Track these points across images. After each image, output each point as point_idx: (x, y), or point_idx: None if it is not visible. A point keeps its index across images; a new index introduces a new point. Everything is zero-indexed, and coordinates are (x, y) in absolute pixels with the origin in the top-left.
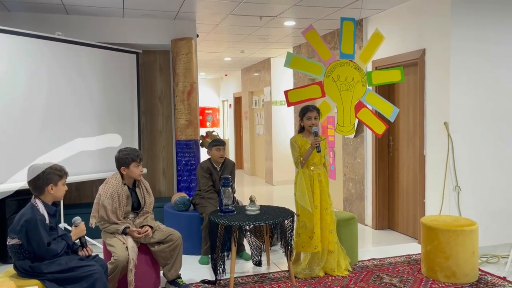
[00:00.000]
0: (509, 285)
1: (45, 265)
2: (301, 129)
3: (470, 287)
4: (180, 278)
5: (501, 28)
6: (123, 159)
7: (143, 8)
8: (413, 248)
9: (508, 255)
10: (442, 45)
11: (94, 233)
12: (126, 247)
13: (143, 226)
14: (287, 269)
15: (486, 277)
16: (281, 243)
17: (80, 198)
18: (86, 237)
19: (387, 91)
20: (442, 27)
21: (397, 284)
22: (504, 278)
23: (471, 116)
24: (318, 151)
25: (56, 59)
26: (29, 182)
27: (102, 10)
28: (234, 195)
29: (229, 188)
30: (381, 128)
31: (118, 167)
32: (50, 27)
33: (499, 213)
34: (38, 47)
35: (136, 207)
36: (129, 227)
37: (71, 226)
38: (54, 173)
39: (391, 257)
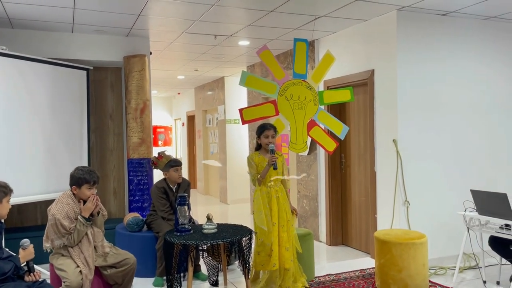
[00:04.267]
0: None
1: None
2: (258, 147)
3: None
4: None
5: (444, 50)
6: (77, 178)
7: (94, 24)
8: (367, 262)
9: (455, 267)
10: (389, 66)
11: (40, 258)
12: (80, 271)
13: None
14: None
15: None
16: (239, 262)
17: (22, 221)
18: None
19: (339, 110)
20: (389, 49)
21: None
22: None
23: (418, 133)
24: (275, 168)
25: (1, 74)
26: None
27: (50, 25)
28: (191, 213)
29: (186, 207)
30: (332, 145)
31: (71, 185)
32: None
33: (445, 226)
34: None
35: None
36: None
37: (13, 251)
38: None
39: (346, 272)
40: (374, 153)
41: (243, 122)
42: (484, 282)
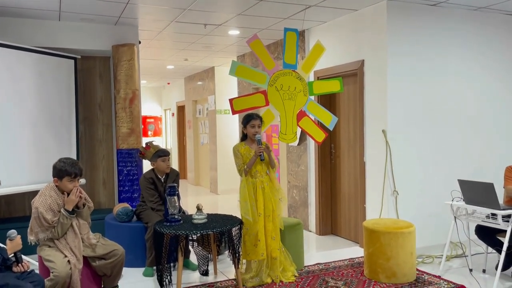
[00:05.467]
0: (444, 283)
1: None
2: (243, 137)
3: (409, 286)
4: (117, 286)
5: (433, 41)
6: (58, 170)
7: (81, 12)
8: (356, 251)
9: (442, 255)
10: (379, 56)
11: (29, 249)
12: (68, 260)
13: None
14: (234, 277)
15: (423, 276)
16: (229, 251)
17: (11, 212)
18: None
19: (329, 100)
20: (379, 39)
21: (341, 287)
22: (439, 277)
23: (407, 124)
24: (262, 159)
25: None
26: None
27: (36, 13)
28: (180, 203)
29: (175, 197)
30: (321, 136)
31: (53, 176)
32: None
33: (433, 215)
34: None
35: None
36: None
37: (2, 241)
38: None
39: (335, 261)
40: (363, 143)
41: (233, 112)
42: (471, 270)
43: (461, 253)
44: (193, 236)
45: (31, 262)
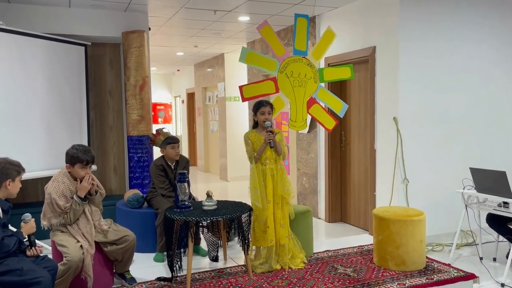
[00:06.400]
0: (454, 271)
1: None
2: (255, 125)
3: (418, 274)
4: (128, 271)
5: (447, 26)
6: (70, 156)
7: None
8: (365, 239)
9: (452, 244)
10: (391, 43)
11: (42, 234)
12: (81, 245)
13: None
14: (244, 263)
15: (432, 264)
16: (239, 238)
17: (24, 197)
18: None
19: (339, 87)
20: (391, 25)
21: (351, 274)
22: (448, 265)
23: (419, 111)
24: (271, 147)
25: None
26: None
27: (47, 0)
28: (190, 190)
29: (185, 184)
30: (331, 123)
31: (66, 162)
32: None
33: (443, 204)
34: None
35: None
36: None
37: (15, 226)
38: (13, 168)
39: (345, 249)
40: (374, 131)
41: (243, 100)
42: (481, 258)
43: (471, 241)
44: (203, 222)
45: (44, 247)
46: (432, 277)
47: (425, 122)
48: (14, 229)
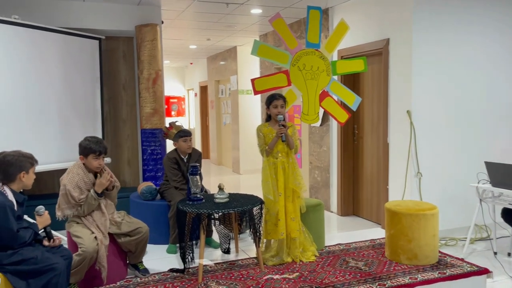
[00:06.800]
0: (467, 265)
1: (6, 256)
2: (268, 118)
3: (430, 268)
4: (141, 263)
5: (463, 18)
6: (83, 147)
7: None
8: (377, 233)
9: (466, 238)
10: (405, 35)
11: (57, 225)
12: (95, 237)
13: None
14: (255, 256)
15: (445, 258)
16: (250, 230)
17: (41, 189)
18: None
19: (352, 80)
20: (405, 17)
21: (362, 268)
22: (462, 259)
23: (433, 104)
24: (283, 140)
25: (13, 44)
26: (0, 169)
27: None
28: (202, 183)
29: (197, 177)
30: (344, 117)
31: (79, 154)
32: (5, 10)
33: (457, 198)
34: None
35: (100, 196)
36: (93, 187)
37: (31, 217)
38: (26, 161)
39: (356, 242)
40: (387, 124)
41: (255, 93)
42: (495, 253)
43: (486, 236)
44: (215, 215)
45: (62, 238)
46: (445, 271)
47: (439, 116)
48: (32, 221)
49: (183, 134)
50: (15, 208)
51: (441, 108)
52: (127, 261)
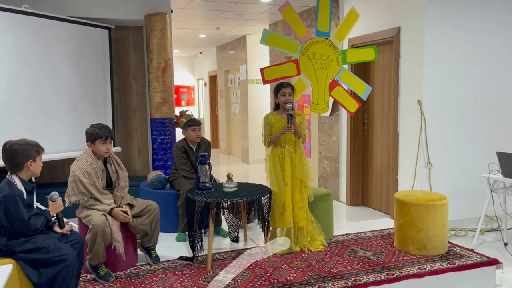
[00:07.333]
0: (477, 256)
1: (19, 244)
2: (276, 107)
3: (439, 258)
4: (154, 249)
5: (476, 6)
6: (90, 134)
7: None
8: (386, 223)
9: (476, 229)
10: (417, 23)
11: (68, 212)
12: (103, 213)
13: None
14: (264, 244)
15: (455, 249)
16: (258, 220)
17: (53, 177)
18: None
19: (363, 69)
20: (416, 5)
21: (370, 257)
22: (472, 250)
23: (444, 94)
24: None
25: (24, 33)
26: (7, 159)
27: None
28: (211, 172)
29: (206, 166)
30: (354, 106)
31: (86, 141)
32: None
33: (467, 188)
34: (4, 20)
35: (109, 184)
36: (114, 208)
37: (43, 205)
38: (33, 149)
39: (365, 232)
40: (397, 114)
41: (264, 82)
42: (505, 244)
43: (496, 226)
44: (224, 203)
45: (73, 226)
46: (454, 262)
47: (450, 105)
48: (43, 208)
49: (192, 124)
50: (25, 196)
51: (453, 98)
52: (141, 245)
